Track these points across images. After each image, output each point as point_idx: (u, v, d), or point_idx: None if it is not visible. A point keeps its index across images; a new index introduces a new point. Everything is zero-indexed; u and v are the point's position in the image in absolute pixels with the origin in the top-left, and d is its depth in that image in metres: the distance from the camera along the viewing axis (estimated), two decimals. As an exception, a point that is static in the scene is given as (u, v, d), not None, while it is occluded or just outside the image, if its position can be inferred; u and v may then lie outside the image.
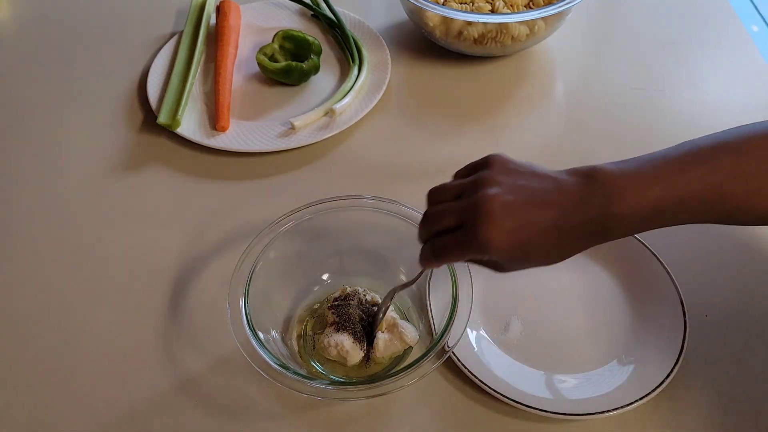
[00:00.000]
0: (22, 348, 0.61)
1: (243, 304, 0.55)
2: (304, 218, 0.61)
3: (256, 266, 0.57)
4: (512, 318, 0.62)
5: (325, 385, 0.52)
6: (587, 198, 0.45)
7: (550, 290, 0.64)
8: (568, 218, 0.45)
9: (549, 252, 0.47)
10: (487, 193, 0.46)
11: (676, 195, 0.45)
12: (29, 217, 0.71)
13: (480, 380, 0.56)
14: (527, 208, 0.45)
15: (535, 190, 0.46)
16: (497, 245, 0.45)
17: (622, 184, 0.45)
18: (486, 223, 0.45)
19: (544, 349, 0.60)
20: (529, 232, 0.45)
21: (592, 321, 0.62)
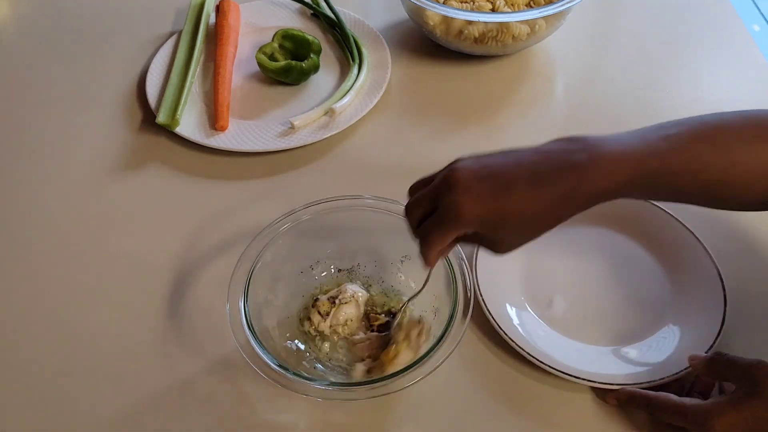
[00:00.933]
0: (21, 347, 0.61)
1: (242, 304, 0.55)
2: (303, 218, 0.61)
3: (255, 267, 0.57)
4: (555, 295, 0.62)
5: (325, 386, 0.52)
6: (565, 157, 0.45)
7: (588, 267, 0.64)
8: (543, 177, 0.45)
9: (528, 218, 0.46)
10: (454, 167, 0.47)
11: (660, 158, 0.45)
12: (28, 216, 0.71)
13: (526, 351, 0.57)
14: (498, 171, 0.46)
15: (507, 156, 0.47)
16: (470, 212, 0.45)
17: (603, 145, 0.45)
18: (454, 193, 0.45)
19: (589, 321, 0.61)
20: (502, 192, 0.45)
21: (631, 293, 0.63)
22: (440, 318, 0.56)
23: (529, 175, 0.45)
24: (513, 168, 0.46)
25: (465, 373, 0.58)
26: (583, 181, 0.45)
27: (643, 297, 0.62)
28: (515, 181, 0.45)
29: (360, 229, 0.63)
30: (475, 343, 0.60)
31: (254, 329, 0.54)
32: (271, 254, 0.59)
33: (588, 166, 0.45)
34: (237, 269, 0.57)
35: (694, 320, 0.59)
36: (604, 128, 0.78)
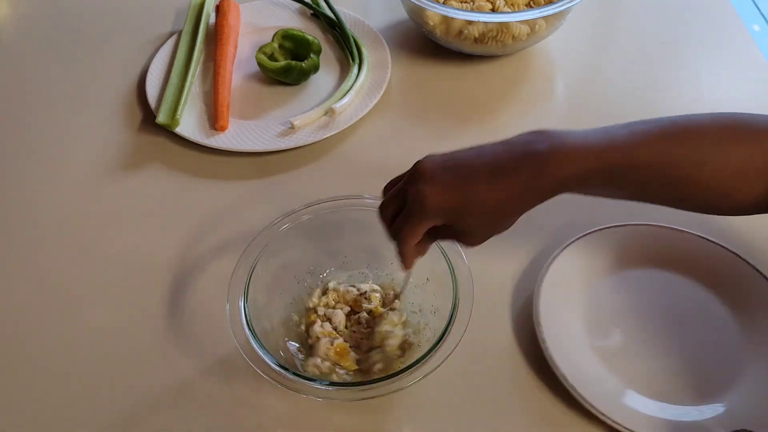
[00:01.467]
0: (21, 347, 0.61)
1: (242, 304, 0.55)
2: (303, 218, 0.61)
3: (255, 266, 0.57)
4: (614, 328, 0.61)
5: (324, 386, 0.51)
6: (530, 146, 0.46)
7: (656, 308, 0.62)
8: (503, 164, 0.46)
9: (492, 208, 0.47)
10: (420, 161, 0.49)
11: (623, 151, 0.45)
12: (28, 216, 0.71)
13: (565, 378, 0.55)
14: (462, 161, 0.47)
15: (471, 150, 0.48)
16: (435, 201, 0.46)
17: (566, 137, 0.46)
18: (419, 183, 0.47)
19: (638, 364, 0.58)
20: (464, 184, 0.46)
21: (694, 347, 0.59)
22: (440, 317, 0.56)
23: (490, 164, 0.46)
24: (476, 159, 0.47)
25: (466, 372, 0.58)
26: (543, 171, 0.45)
27: (706, 351, 0.59)
28: (477, 170, 0.46)
29: (359, 229, 0.63)
30: (476, 345, 0.59)
31: (254, 329, 0.54)
32: (271, 254, 0.59)
33: (548, 156, 0.45)
34: (237, 269, 0.57)
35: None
36: (604, 128, 0.79)
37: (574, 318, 0.61)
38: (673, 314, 0.61)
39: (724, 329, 0.60)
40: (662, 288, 0.63)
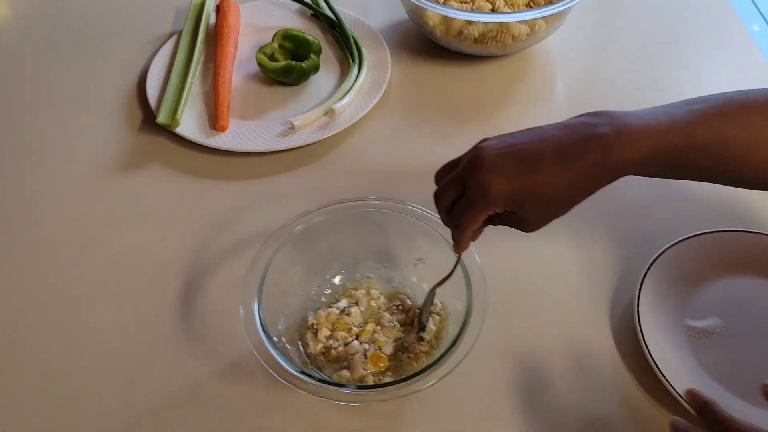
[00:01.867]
0: (20, 348, 0.61)
1: (256, 307, 0.55)
2: (314, 220, 0.61)
3: (268, 269, 0.57)
4: (713, 315, 0.61)
5: (343, 390, 0.51)
6: (592, 128, 0.45)
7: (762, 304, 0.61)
8: (567, 149, 0.45)
9: (555, 192, 0.46)
10: (479, 146, 0.47)
11: (686, 138, 0.45)
12: (28, 216, 0.71)
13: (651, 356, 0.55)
14: (523, 147, 0.46)
15: (531, 132, 0.47)
16: (499, 190, 0.45)
17: (628, 118, 0.45)
18: (481, 173, 0.46)
19: (729, 360, 0.58)
20: (527, 170, 0.45)
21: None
22: (454, 319, 0.56)
23: (554, 149, 0.45)
24: (538, 143, 0.46)
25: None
26: (608, 155, 0.45)
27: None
28: (541, 156, 0.45)
29: (372, 230, 0.63)
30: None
31: (269, 333, 0.53)
32: (283, 256, 0.58)
33: (612, 139, 0.45)
34: (250, 271, 0.57)
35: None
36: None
37: (676, 323, 0.61)
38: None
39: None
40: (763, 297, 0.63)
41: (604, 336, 0.61)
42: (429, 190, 0.73)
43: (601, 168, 0.45)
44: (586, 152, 0.45)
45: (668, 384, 0.55)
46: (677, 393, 0.54)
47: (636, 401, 0.57)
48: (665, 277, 0.62)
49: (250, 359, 0.58)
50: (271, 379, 0.52)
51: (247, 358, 0.60)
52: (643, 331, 0.58)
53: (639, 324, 0.58)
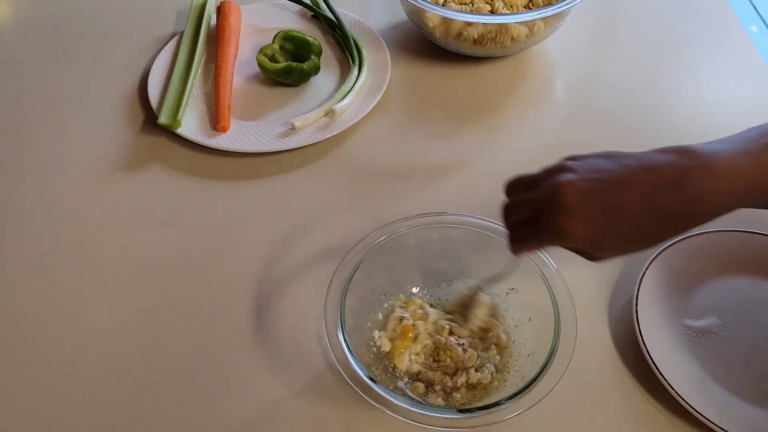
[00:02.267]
0: (21, 347, 0.61)
1: (341, 333, 0.54)
2: (402, 231, 0.61)
3: (349, 282, 0.57)
4: (711, 314, 0.61)
5: (448, 415, 0.51)
6: (680, 174, 0.43)
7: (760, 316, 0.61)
8: (658, 197, 0.43)
9: (638, 236, 0.44)
10: (561, 179, 0.44)
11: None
12: (29, 216, 0.71)
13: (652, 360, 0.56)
14: (607, 192, 0.43)
15: (615, 171, 0.44)
16: (576, 233, 0.43)
17: (717, 159, 0.43)
18: (560, 212, 0.43)
19: (728, 360, 0.58)
20: (611, 216, 0.43)
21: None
22: (542, 341, 0.56)
23: (641, 198, 0.43)
24: (623, 187, 0.43)
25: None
26: (698, 205, 0.43)
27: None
28: (627, 204, 0.43)
29: (465, 251, 0.62)
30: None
31: (352, 348, 0.53)
32: (363, 270, 0.58)
33: (702, 192, 0.43)
34: (330, 286, 0.57)
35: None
36: (604, 128, 0.80)
37: (674, 322, 0.61)
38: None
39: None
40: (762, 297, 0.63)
41: (603, 335, 0.61)
42: (429, 190, 0.73)
43: (688, 218, 0.44)
44: (674, 208, 0.43)
45: (666, 383, 0.55)
46: (675, 392, 0.55)
47: (634, 400, 0.57)
48: (664, 277, 0.62)
49: (256, 361, 0.58)
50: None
51: (248, 358, 0.60)
52: (642, 331, 0.58)
53: (637, 323, 0.58)
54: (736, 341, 0.60)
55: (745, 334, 0.61)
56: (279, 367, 0.59)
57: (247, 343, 0.61)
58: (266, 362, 0.60)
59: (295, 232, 0.69)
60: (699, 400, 0.55)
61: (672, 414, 0.56)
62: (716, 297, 0.63)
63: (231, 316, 0.63)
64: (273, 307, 0.63)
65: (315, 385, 0.58)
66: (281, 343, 0.61)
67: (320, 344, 0.60)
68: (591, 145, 0.77)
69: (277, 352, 0.60)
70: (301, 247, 0.68)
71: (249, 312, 0.63)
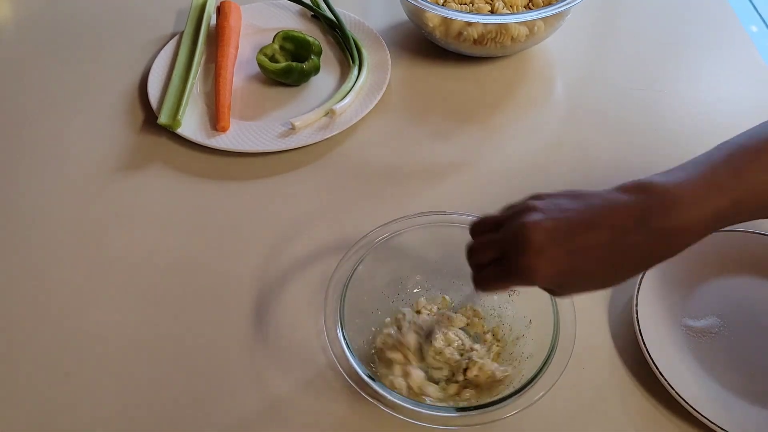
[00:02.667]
0: (22, 347, 0.61)
1: (340, 331, 0.54)
2: (403, 231, 0.61)
3: (346, 288, 0.57)
4: (711, 314, 0.61)
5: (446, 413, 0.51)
6: (644, 214, 0.42)
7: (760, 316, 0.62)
8: (624, 238, 0.42)
9: (606, 275, 0.44)
10: (527, 221, 0.44)
11: (735, 198, 0.43)
12: (30, 216, 0.71)
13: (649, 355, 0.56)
14: (573, 232, 0.43)
15: (580, 211, 0.44)
16: (543, 274, 0.43)
17: (679, 195, 0.42)
18: (527, 254, 0.43)
19: (730, 360, 0.59)
20: (578, 257, 0.43)
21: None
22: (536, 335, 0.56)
23: (607, 238, 0.43)
24: (588, 228, 0.43)
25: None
26: (667, 241, 0.43)
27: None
28: (593, 245, 0.43)
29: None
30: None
31: (355, 354, 0.53)
32: (363, 268, 0.58)
33: (672, 231, 0.42)
34: (330, 283, 0.57)
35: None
36: (604, 128, 0.80)
37: (674, 322, 0.61)
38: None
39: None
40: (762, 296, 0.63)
41: (603, 335, 0.61)
42: (428, 190, 0.74)
43: (659, 256, 0.44)
44: (642, 247, 0.43)
45: (666, 383, 0.55)
46: (675, 392, 0.55)
47: (634, 400, 0.57)
48: (663, 277, 0.62)
49: (257, 361, 0.58)
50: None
51: (250, 356, 0.60)
52: (642, 331, 0.58)
53: (637, 323, 0.58)
54: (736, 341, 0.60)
55: (745, 334, 0.61)
56: (280, 364, 0.59)
57: (248, 343, 0.61)
58: (267, 360, 0.60)
59: (295, 232, 0.69)
60: (699, 400, 0.55)
61: (672, 414, 0.56)
62: (716, 297, 0.63)
63: (231, 316, 0.63)
64: (273, 307, 0.63)
65: (315, 382, 0.58)
66: (282, 341, 0.61)
67: (320, 341, 0.60)
68: (591, 145, 0.78)
69: (278, 350, 0.60)
70: (301, 247, 0.68)
71: (249, 311, 0.63)
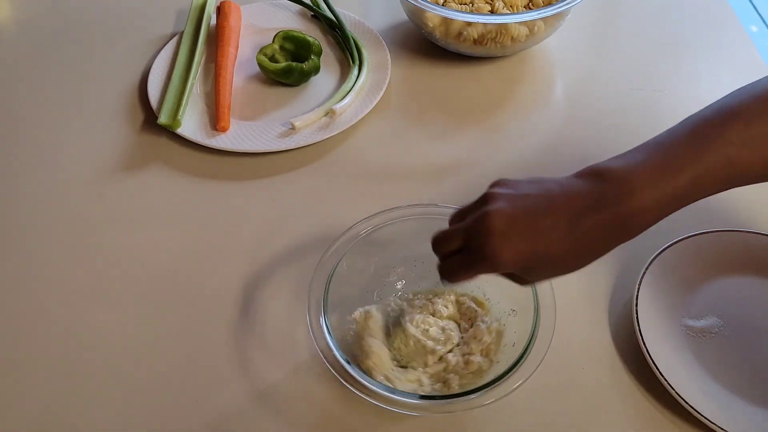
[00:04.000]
0: (22, 347, 0.61)
1: (323, 319, 0.55)
2: (383, 225, 0.61)
3: (331, 277, 0.57)
4: (711, 314, 0.61)
5: (413, 399, 0.51)
6: (599, 199, 0.44)
7: (758, 316, 0.62)
8: (581, 222, 0.44)
9: (567, 258, 0.45)
10: (489, 209, 0.45)
11: (692, 177, 0.43)
12: (30, 217, 0.71)
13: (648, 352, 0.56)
14: (533, 217, 0.44)
15: (540, 197, 0.45)
16: (506, 259, 0.44)
17: (633, 179, 0.43)
18: (489, 240, 0.44)
19: (730, 360, 0.59)
20: (539, 241, 0.44)
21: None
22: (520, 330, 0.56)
23: (566, 220, 0.44)
24: (547, 212, 0.44)
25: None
26: (624, 224, 0.43)
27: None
28: (552, 228, 0.44)
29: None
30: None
31: (339, 348, 0.54)
32: (347, 262, 0.58)
33: (629, 210, 0.43)
34: (316, 274, 0.57)
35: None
36: (604, 128, 0.80)
37: (674, 322, 0.61)
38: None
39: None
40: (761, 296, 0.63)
41: (603, 335, 0.61)
42: (428, 190, 0.73)
43: (618, 239, 0.44)
44: (599, 224, 0.43)
45: (666, 383, 0.55)
46: (675, 392, 0.55)
47: (634, 401, 0.57)
48: (663, 277, 0.62)
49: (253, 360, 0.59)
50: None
51: (251, 354, 0.60)
52: (642, 331, 0.58)
53: (637, 324, 0.58)
54: (737, 341, 0.60)
55: (745, 334, 0.61)
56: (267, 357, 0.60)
57: (249, 341, 0.61)
58: (263, 358, 0.60)
59: (296, 232, 0.69)
60: (699, 400, 0.55)
61: (672, 414, 0.56)
62: (716, 297, 0.63)
63: (232, 315, 0.63)
64: (274, 307, 0.63)
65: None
66: (273, 336, 0.61)
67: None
68: (591, 145, 0.78)
69: (275, 345, 0.61)
70: (301, 247, 0.68)
71: (250, 310, 0.63)
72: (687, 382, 0.56)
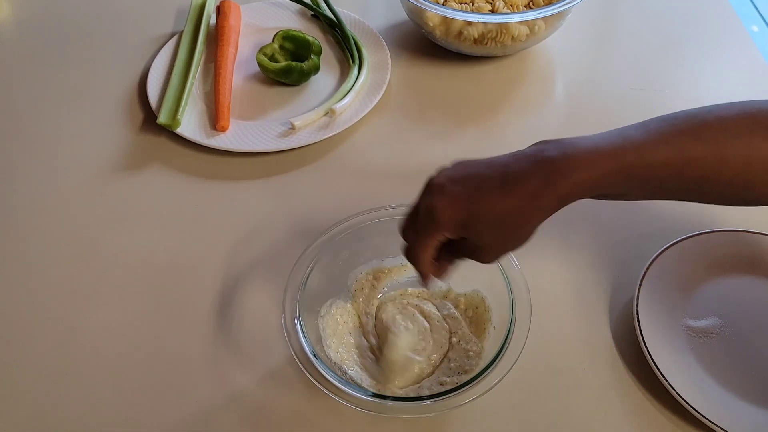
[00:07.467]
0: (21, 347, 0.61)
1: (297, 319, 0.55)
2: (360, 226, 0.61)
3: (306, 278, 0.58)
4: (711, 314, 0.61)
5: (376, 399, 0.52)
6: (539, 152, 0.45)
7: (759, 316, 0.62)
8: (514, 175, 0.45)
9: (501, 215, 0.45)
10: (433, 175, 0.49)
11: (637, 151, 0.44)
12: (29, 217, 0.71)
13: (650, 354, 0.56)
14: (471, 175, 0.47)
15: (483, 160, 0.48)
16: (445, 213, 0.46)
17: (579, 141, 0.45)
18: (429, 196, 0.47)
19: (730, 361, 0.59)
20: (474, 194, 0.46)
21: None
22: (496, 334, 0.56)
23: (500, 173, 0.46)
24: (485, 170, 0.47)
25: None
26: (554, 177, 0.44)
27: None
28: (487, 180, 0.46)
29: None
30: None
31: (311, 342, 0.54)
32: (325, 260, 0.59)
33: (559, 161, 0.44)
34: (289, 277, 0.58)
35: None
36: (604, 128, 0.79)
37: (674, 322, 0.61)
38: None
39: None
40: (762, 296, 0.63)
41: (604, 336, 0.61)
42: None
43: (547, 191, 0.44)
44: (531, 176, 0.44)
45: (667, 383, 0.55)
46: (676, 392, 0.55)
47: (635, 401, 0.57)
48: (664, 277, 0.62)
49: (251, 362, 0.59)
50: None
51: (252, 354, 0.60)
52: (642, 331, 0.58)
53: (638, 324, 0.58)
54: (737, 341, 0.60)
55: (746, 334, 0.60)
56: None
57: (250, 341, 0.61)
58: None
59: (295, 232, 0.69)
60: (699, 400, 0.55)
61: (672, 414, 0.56)
62: (717, 297, 0.63)
63: (232, 315, 0.63)
64: (273, 306, 0.63)
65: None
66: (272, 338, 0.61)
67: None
68: (591, 144, 0.78)
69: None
70: (301, 247, 0.68)
71: (250, 310, 0.63)
72: (687, 382, 0.56)
